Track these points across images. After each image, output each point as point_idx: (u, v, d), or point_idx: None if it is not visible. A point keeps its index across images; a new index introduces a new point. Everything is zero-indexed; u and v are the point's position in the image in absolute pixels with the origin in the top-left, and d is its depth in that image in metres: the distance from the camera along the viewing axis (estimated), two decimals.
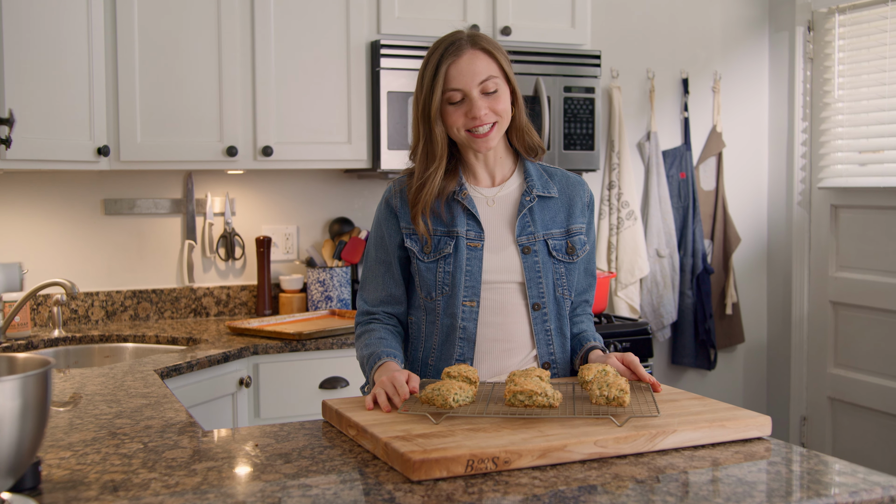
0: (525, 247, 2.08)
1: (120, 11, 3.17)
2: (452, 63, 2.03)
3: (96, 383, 2.39)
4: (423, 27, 3.55)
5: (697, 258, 4.42)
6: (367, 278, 2.20)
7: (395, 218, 2.13)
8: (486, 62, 2.04)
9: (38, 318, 3.42)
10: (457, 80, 2.03)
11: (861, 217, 4.21)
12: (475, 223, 2.08)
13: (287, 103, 3.40)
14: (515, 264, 2.08)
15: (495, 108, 2.04)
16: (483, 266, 2.07)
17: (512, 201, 2.13)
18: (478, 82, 2.03)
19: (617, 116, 4.26)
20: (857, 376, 4.23)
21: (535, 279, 2.08)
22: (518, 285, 2.09)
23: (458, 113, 2.04)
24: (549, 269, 2.10)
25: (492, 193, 2.13)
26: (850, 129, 4.25)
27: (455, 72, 2.03)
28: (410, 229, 2.11)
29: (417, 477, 1.46)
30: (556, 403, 1.74)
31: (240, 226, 3.75)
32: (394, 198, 2.14)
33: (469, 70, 2.02)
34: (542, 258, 2.09)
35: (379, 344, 2.06)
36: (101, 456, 1.66)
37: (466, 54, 2.04)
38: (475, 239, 2.07)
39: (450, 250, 2.07)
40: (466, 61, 2.03)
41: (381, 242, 2.17)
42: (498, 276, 2.07)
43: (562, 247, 2.12)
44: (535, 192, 2.12)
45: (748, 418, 1.71)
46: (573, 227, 2.14)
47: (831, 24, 4.31)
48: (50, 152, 2.95)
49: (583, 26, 3.81)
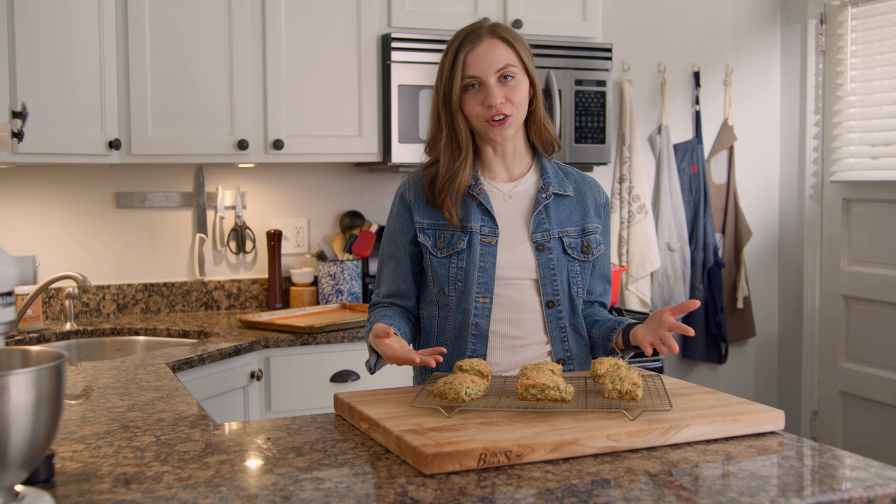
0: (539, 244, 2.07)
1: (131, 5, 3.17)
2: (471, 50, 2.03)
3: (108, 376, 2.40)
4: (434, 20, 3.54)
5: (708, 252, 4.41)
6: (381, 273, 2.20)
7: (408, 212, 2.12)
8: (505, 51, 2.03)
9: (50, 312, 3.43)
10: (474, 66, 2.01)
11: (873, 211, 4.19)
12: (489, 219, 2.07)
13: (298, 97, 3.40)
14: (530, 260, 2.07)
15: (512, 97, 2.02)
16: (497, 262, 2.05)
17: (528, 197, 2.11)
18: (495, 70, 2.01)
19: (628, 110, 4.25)
20: (869, 370, 4.22)
21: (549, 276, 2.07)
22: (533, 282, 2.07)
23: (476, 100, 2.03)
24: (563, 267, 2.08)
25: (508, 189, 2.12)
26: (862, 122, 4.23)
27: (473, 59, 2.02)
28: (424, 224, 2.09)
29: (430, 470, 1.46)
30: (569, 397, 1.73)
31: (250, 219, 3.75)
32: (408, 191, 2.13)
33: (487, 57, 2.01)
34: (556, 255, 2.07)
35: (380, 320, 2.04)
36: (114, 449, 1.67)
37: (485, 42, 2.03)
38: (489, 235, 2.06)
39: (463, 246, 2.05)
40: (484, 49, 2.02)
41: (393, 237, 2.16)
42: (512, 272, 2.06)
43: (577, 245, 2.10)
44: (552, 189, 2.11)
45: (761, 412, 1.70)
46: (588, 227, 2.13)
47: (844, 17, 4.29)
48: (62, 146, 2.96)
49: (594, 19, 3.79)
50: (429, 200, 2.10)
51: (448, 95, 2.05)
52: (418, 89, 3.45)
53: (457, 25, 3.54)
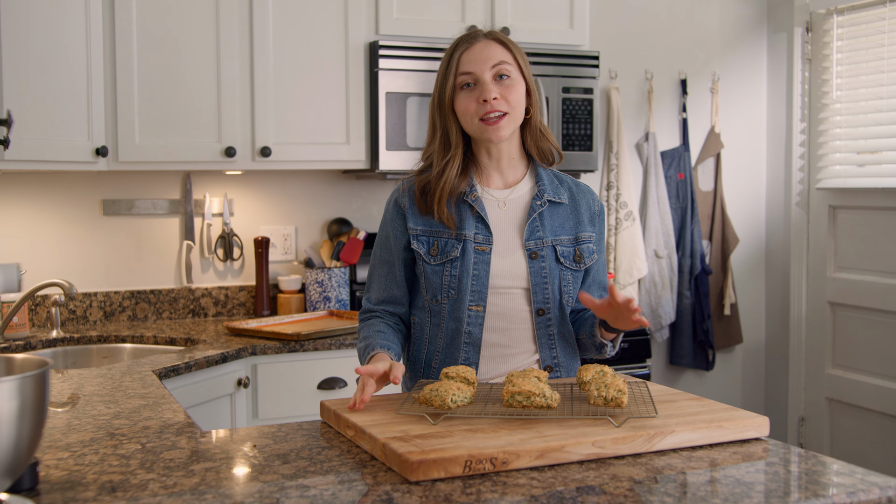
0: (532, 252, 2.06)
1: (118, 12, 3.17)
2: (466, 50, 2.04)
3: (94, 384, 2.39)
4: (421, 28, 3.55)
5: (696, 259, 4.42)
6: (372, 278, 2.18)
7: (402, 218, 2.10)
8: (500, 50, 2.04)
9: (37, 319, 3.42)
10: (469, 64, 2.02)
11: (859, 218, 4.21)
12: (484, 226, 2.06)
13: (285, 104, 3.40)
14: (522, 270, 2.06)
15: (507, 96, 2.01)
16: (490, 270, 2.04)
17: (522, 205, 2.10)
18: (490, 66, 2.01)
19: (615, 117, 4.26)
20: (855, 377, 4.23)
21: (541, 284, 2.06)
22: (523, 291, 2.06)
23: (471, 98, 2.02)
24: (555, 276, 2.07)
25: (503, 196, 2.11)
26: (848, 129, 4.25)
27: (468, 57, 2.03)
28: (418, 230, 2.08)
29: (415, 477, 1.46)
30: (555, 404, 1.74)
31: (238, 226, 3.75)
32: (402, 197, 2.12)
33: (482, 55, 2.02)
34: (549, 264, 2.07)
35: (375, 336, 2.04)
36: (100, 457, 1.66)
37: (481, 42, 2.04)
38: (483, 242, 2.05)
39: (457, 253, 2.04)
40: (480, 48, 2.03)
41: (387, 242, 2.14)
42: (505, 281, 2.05)
43: (570, 254, 2.09)
44: (547, 196, 2.10)
45: (746, 419, 1.71)
46: (582, 235, 2.12)
47: (829, 25, 4.31)
48: (48, 153, 2.95)
49: (581, 27, 3.81)
50: (421, 208, 2.09)
51: (442, 96, 2.05)
52: (406, 97, 3.46)
53: (444, 33, 3.58)
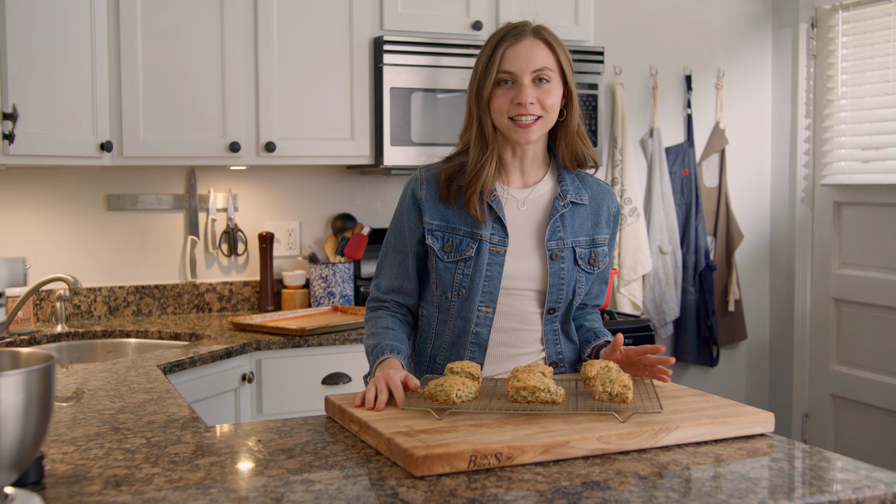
0: (553, 252, 2.02)
1: (123, 6, 3.17)
2: (510, 46, 1.98)
3: (99, 378, 2.39)
4: (425, 23, 3.55)
5: (700, 255, 4.42)
6: (383, 264, 2.15)
7: (418, 211, 2.06)
8: (545, 53, 1.99)
9: (41, 314, 3.42)
10: (511, 62, 1.97)
11: (864, 214, 4.20)
12: (500, 227, 2.02)
13: (290, 99, 3.40)
14: (536, 271, 2.03)
15: (544, 100, 1.97)
16: (504, 272, 2.01)
17: (543, 205, 2.06)
18: (531, 69, 1.96)
19: (620, 113, 4.26)
20: (860, 373, 4.23)
21: (557, 285, 2.03)
22: (535, 293, 2.04)
23: (506, 97, 1.97)
24: (572, 277, 2.04)
25: (523, 196, 2.07)
26: (853, 126, 4.24)
27: (511, 54, 1.97)
28: (433, 225, 2.03)
29: (420, 472, 1.46)
30: (559, 399, 1.74)
31: (242, 221, 3.75)
32: (420, 188, 2.06)
33: (526, 56, 1.97)
34: (567, 265, 2.03)
35: (385, 335, 2.02)
36: (105, 451, 1.66)
37: (526, 40, 1.98)
38: (499, 244, 2.01)
39: (471, 253, 2.01)
40: (525, 47, 1.97)
41: (401, 233, 2.10)
42: (517, 282, 2.02)
43: (586, 255, 2.06)
44: (570, 197, 2.06)
45: (751, 415, 1.71)
46: (598, 238, 2.09)
47: (835, 21, 4.30)
48: (53, 148, 2.95)
49: (586, 22, 3.80)
50: (443, 197, 2.04)
51: (480, 89, 2.00)
52: (410, 92, 3.45)
53: (449, 28, 3.57)
